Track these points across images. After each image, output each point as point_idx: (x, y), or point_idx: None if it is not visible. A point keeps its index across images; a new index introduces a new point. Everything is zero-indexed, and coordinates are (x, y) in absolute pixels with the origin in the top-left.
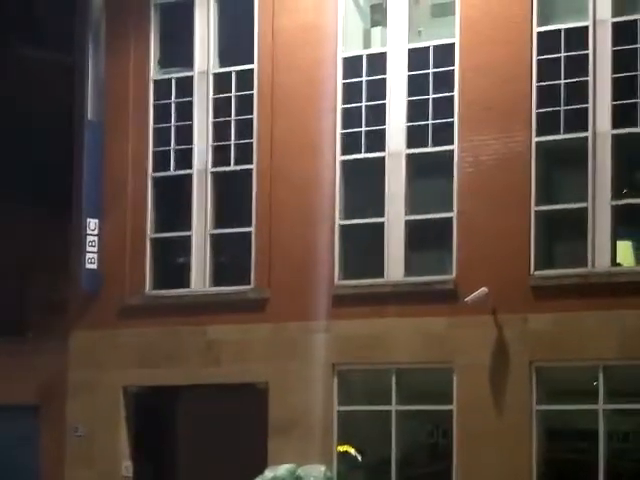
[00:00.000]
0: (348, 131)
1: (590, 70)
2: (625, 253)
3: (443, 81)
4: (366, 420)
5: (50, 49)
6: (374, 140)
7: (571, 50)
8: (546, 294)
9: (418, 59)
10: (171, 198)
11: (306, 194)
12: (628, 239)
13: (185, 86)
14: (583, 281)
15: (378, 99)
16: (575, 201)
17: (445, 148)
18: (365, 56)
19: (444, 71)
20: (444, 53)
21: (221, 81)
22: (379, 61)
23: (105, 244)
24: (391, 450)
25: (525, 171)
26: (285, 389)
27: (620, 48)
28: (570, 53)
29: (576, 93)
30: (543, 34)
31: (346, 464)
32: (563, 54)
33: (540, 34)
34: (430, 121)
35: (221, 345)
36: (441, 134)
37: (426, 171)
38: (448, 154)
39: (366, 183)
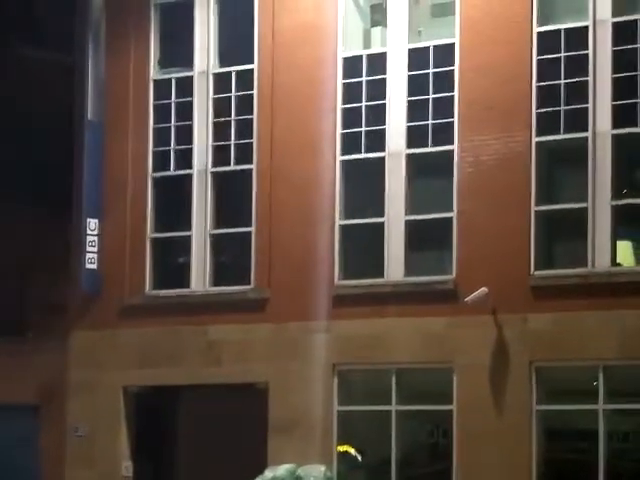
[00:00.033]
0: (348, 131)
1: (590, 70)
2: (625, 253)
3: (443, 81)
4: (366, 420)
5: (50, 49)
6: (374, 140)
7: (571, 50)
8: (546, 294)
9: (418, 59)
10: (171, 198)
11: (306, 194)
12: (628, 239)
13: (185, 86)
14: (583, 281)
15: (378, 99)
16: (575, 201)
17: (445, 148)
18: (365, 56)
19: (444, 71)
20: (444, 53)
21: (221, 81)
22: (379, 61)
23: (105, 244)
24: (391, 450)
25: (525, 171)
26: (285, 389)
27: (620, 48)
28: (570, 53)
29: (576, 93)
30: (543, 34)
31: (346, 464)
32: (563, 54)
33: (540, 34)
34: (430, 121)
35: (222, 345)
36: (441, 134)
37: (426, 171)
38: (448, 154)
39: (366, 183)
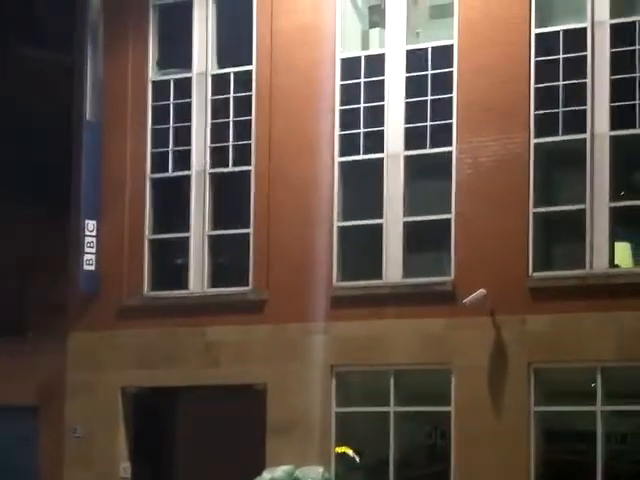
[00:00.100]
0: (346, 132)
1: (588, 72)
2: (623, 254)
3: (442, 82)
4: (364, 421)
5: (50, 49)
6: (372, 141)
7: (569, 52)
8: (544, 295)
9: (416, 60)
10: (169, 199)
11: (304, 195)
12: (626, 240)
13: (183, 87)
14: (581, 282)
15: (376, 100)
16: (573, 202)
17: (444, 149)
18: (363, 57)
19: (442, 72)
20: (443, 54)
21: (219, 82)
22: (377, 62)
23: (103, 245)
24: (389, 451)
25: (524, 172)
26: (284, 390)
27: (618, 50)
28: (568, 55)
29: (574, 95)
30: (542, 36)
31: (344, 465)
32: (561, 56)
33: (539, 36)
34: (428, 122)
35: (220, 346)
36: (439, 136)
37: (424, 173)
38: (447, 155)
39: (364, 184)
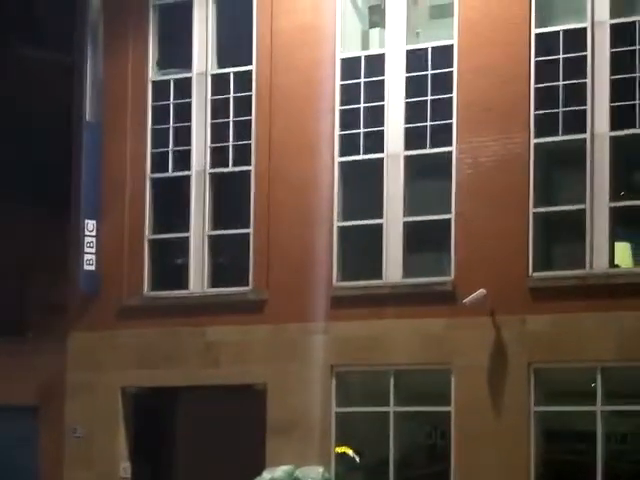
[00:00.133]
0: (346, 132)
1: (588, 72)
2: (623, 254)
3: (442, 82)
4: (364, 421)
5: (50, 49)
6: (372, 141)
7: (569, 52)
8: (544, 295)
9: (416, 60)
10: (169, 199)
11: (304, 195)
12: (626, 240)
13: (183, 87)
14: (581, 282)
15: (376, 100)
16: (573, 203)
17: (444, 149)
18: (363, 57)
19: (443, 72)
20: (443, 54)
21: (219, 82)
22: (377, 62)
23: (103, 245)
24: (389, 451)
25: (524, 172)
26: (284, 390)
27: (618, 50)
28: (568, 55)
29: (574, 95)
30: (542, 36)
31: (344, 465)
32: (561, 56)
33: (539, 36)
34: (428, 122)
35: (220, 346)
36: (440, 135)
37: (424, 173)
38: (447, 155)
39: (364, 184)
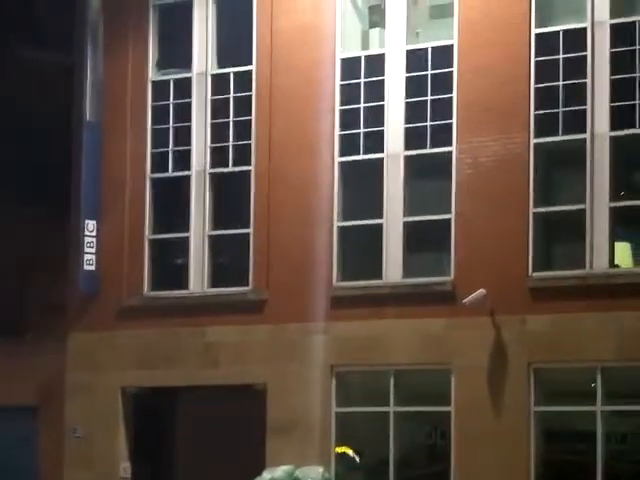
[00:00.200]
0: (346, 132)
1: (588, 72)
2: (623, 254)
3: (442, 82)
4: (364, 421)
5: (50, 49)
6: (372, 141)
7: (569, 52)
8: (544, 295)
9: (416, 60)
10: (169, 199)
11: (304, 195)
12: (626, 240)
13: (183, 87)
14: (581, 282)
15: (376, 100)
16: (573, 203)
17: (444, 149)
18: (363, 57)
19: (442, 72)
20: (443, 55)
21: (219, 82)
22: (377, 62)
23: (103, 245)
24: (389, 451)
25: (524, 173)
26: (283, 390)
27: (618, 50)
28: (568, 55)
29: (574, 95)
30: (542, 36)
31: (344, 465)
32: (561, 56)
33: (538, 36)
34: (428, 122)
35: (220, 346)
36: (440, 135)
37: (424, 173)
38: (447, 155)
39: (364, 184)
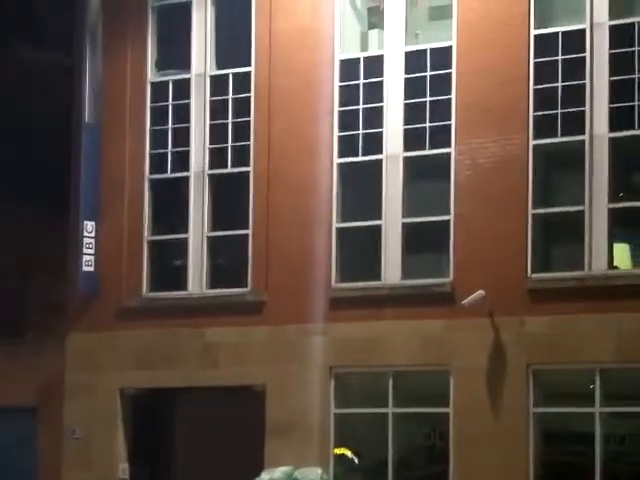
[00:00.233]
0: (345, 134)
1: (587, 73)
2: (622, 256)
3: (440, 84)
4: (363, 423)
5: (50, 50)
6: (371, 143)
7: (568, 53)
8: (543, 297)
9: (415, 62)
10: (168, 200)
11: (303, 197)
12: (625, 242)
13: (182, 88)
14: (580, 284)
15: (375, 102)
16: (572, 204)
17: (442, 151)
18: (362, 59)
19: (441, 74)
20: (441, 56)
21: (218, 83)
22: (376, 64)
23: (102, 246)
24: (388, 453)
25: (522, 174)
26: (282, 391)
27: (617, 51)
28: (567, 56)
29: (573, 96)
30: (541, 37)
31: (343, 466)
32: (560, 57)
33: (537, 37)
34: (427, 124)
35: (219, 348)
36: (438, 137)
37: (423, 174)
38: (445, 157)
39: (363, 186)
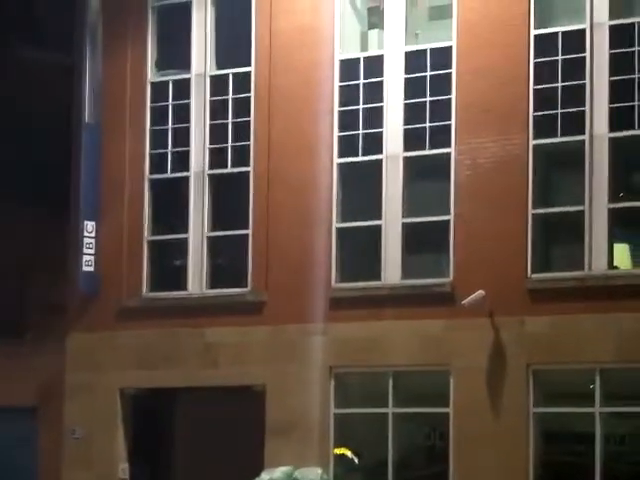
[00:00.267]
0: (345, 133)
1: (587, 73)
2: (622, 256)
3: (440, 84)
4: (363, 423)
5: (50, 50)
6: (371, 143)
7: (569, 53)
8: (543, 297)
9: (415, 62)
10: (168, 200)
11: (303, 196)
12: (625, 242)
13: (182, 88)
14: (580, 284)
15: (375, 102)
16: (572, 204)
17: (442, 151)
18: (362, 59)
19: (441, 74)
20: (441, 56)
21: (218, 83)
22: (376, 64)
23: (102, 246)
24: (388, 453)
25: (522, 174)
26: (282, 391)
27: (617, 51)
28: (567, 56)
29: (573, 96)
30: (541, 37)
31: (343, 467)
32: (560, 57)
33: (537, 37)
34: (427, 124)
35: (219, 347)
36: (438, 137)
37: (423, 174)
38: (445, 157)
39: (363, 186)
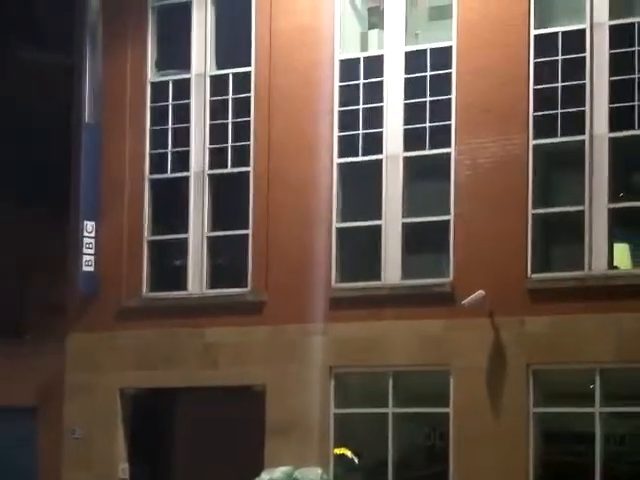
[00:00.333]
0: (345, 133)
1: (587, 73)
2: (622, 256)
3: (440, 84)
4: (363, 423)
5: (50, 50)
6: (371, 143)
7: (568, 53)
8: (543, 297)
9: (415, 62)
10: (168, 200)
11: (303, 196)
12: (625, 242)
13: (182, 88)
14: (580, 284)
15: (375, 102)
16: (572, 204)
17: (443, 151)
18: (362, 59)
19: (441, 74)
20: (441, 56)
21: (218, 83)
22: (376, 64)
23: (102, 246)
24: (388, 453)
25: (522, 174)
26: (282, 391)
27: (617, 51)
28: (567, 56)
29: (573, 96)
30: (541, 37)
31: (343, 467)
32: (560, 57)
33: (537, 37)
34: (427, 124)
35: (219, 348)
36: (439, 137)
37: (423, 174)
38: (445, 157)
39: (363, 186)
